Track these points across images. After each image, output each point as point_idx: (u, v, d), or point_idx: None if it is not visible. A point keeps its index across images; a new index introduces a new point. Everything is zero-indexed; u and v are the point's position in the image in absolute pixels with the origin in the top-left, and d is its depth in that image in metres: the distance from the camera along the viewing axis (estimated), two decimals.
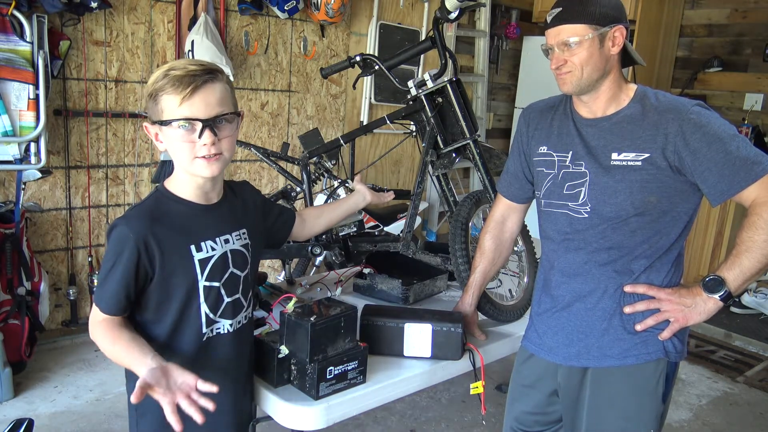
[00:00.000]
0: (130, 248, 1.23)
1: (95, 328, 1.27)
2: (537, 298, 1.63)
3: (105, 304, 1.25)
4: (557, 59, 1.40)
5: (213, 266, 1.32)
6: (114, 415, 2.64)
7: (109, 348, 1.24)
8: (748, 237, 1.32)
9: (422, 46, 2.27)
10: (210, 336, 1.35)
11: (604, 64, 1.39)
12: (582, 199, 1.45)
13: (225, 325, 1.37)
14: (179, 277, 1.29)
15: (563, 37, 1.38)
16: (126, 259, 1.23)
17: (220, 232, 1.36)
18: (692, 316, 1.40)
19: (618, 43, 1.39)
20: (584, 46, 1.36)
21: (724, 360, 3.62)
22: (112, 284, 1.24)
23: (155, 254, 1.25)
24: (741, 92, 4.75)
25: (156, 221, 1.27)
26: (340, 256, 2.20)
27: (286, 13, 3.64)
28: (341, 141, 2.28)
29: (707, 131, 1.33)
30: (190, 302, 1.31)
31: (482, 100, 5.15)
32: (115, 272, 1.23)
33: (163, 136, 1.27)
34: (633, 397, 1.46)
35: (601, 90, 1.43)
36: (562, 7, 1.39)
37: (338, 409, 1.45)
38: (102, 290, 1.25)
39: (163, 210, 1.30)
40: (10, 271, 2.83)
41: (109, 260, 1.25)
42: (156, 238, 1.25)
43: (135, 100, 3.35)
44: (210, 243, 1.33)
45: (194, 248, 1.30)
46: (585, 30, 1.36)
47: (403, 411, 2.83)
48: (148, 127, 1.29)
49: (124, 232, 1.23)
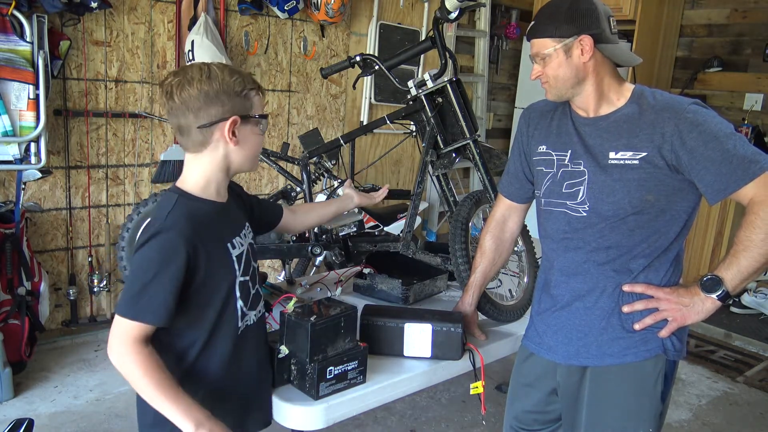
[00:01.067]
0: (181, 255, 1.21)
1: (128, 352, 1.18)
2: (537, 297, 1.64)
3: (153, 314, 1.19)
4: (535, 71, 1.48)
5: (245, 261, 1.37)
6: (114, 415, 2.64)
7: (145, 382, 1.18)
8: (745, 236, 1.32)
9: (422, 46, 2.27)
10: (242, 329, 1.37)
11: (576, 73, 1.42)
12: (581, 197, 1.46)
13: (252, 316, 1.41)
14: (221, 277, 1.30)
15: (535, 51, 1.46)
16: (176, 266, 1.20)
17: (240, 227, 1.41)
18: (690, 316, 1.40)
19: (587, 51, 1.40)
20: (552, 59, 1.42)
21: (724, 360, 3.62)
22: (161, 292, 1.19)
23: (202, 258, 1.25)
24: (741, 92, 4.74)
25: (197, 225, 1.26)
26: (340, 256, 2.20)
27: (286, 13, 3.64)
28: (341, 141, 2.28)
29: (704, 129, 1.33)
30: (229, 299, 1.33)
31: (482, 100, 5.15)
32: (162, 280, 1.19)
33: (243, 131, 1.31)
34: (632, 395, 1.46)
35: (584, 93, 1.45)
36: (535, 21, 1.46)
37: (338, 409, 1.45)
38: (144, 300, 1.19)
39: (195, 212, 1.29)
40: (10, 271, 2.84)
41: (151, 269, 1.20)
42: (202, 242, 1.25)
43: (135, 100, 3.35)
44: (238, 239, 1.37)
45: (230, 246, 1.34)
46: (550, 43, 1.42)
47: (403, 411, 2.83)
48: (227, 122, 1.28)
49: (173, 238, 1.21)
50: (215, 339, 1.32)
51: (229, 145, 1.30)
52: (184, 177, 1.34)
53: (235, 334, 1.35)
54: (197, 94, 1.24)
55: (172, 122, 1.30)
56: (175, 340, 1.29)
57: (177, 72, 1.28)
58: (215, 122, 1.27)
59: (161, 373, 1.19)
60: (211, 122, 1.27)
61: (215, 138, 1.29)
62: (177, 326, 1.27)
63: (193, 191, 1.32)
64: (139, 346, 1.19)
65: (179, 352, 1.30)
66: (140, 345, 1.19)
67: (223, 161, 1.32)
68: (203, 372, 1.32)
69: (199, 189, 1.32)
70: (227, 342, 1.34)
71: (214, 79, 1.26)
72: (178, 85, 1.25)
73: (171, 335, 1.28)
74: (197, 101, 1.25)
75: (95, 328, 3.37)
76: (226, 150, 1.31)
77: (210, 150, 1.30)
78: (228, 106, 1.27)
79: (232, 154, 1.31)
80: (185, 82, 1.25)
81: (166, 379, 1.19)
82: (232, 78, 1.27)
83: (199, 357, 1.31)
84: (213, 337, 1.31)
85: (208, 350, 1.31)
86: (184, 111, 1.26)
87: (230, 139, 1.29)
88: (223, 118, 1.27)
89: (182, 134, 1.29)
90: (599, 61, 1.43)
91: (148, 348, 1.20)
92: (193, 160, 1.32)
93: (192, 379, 1.30)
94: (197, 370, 1.31)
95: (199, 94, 1.24)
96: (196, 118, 1.26)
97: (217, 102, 1.26)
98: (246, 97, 1.30)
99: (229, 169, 1.34)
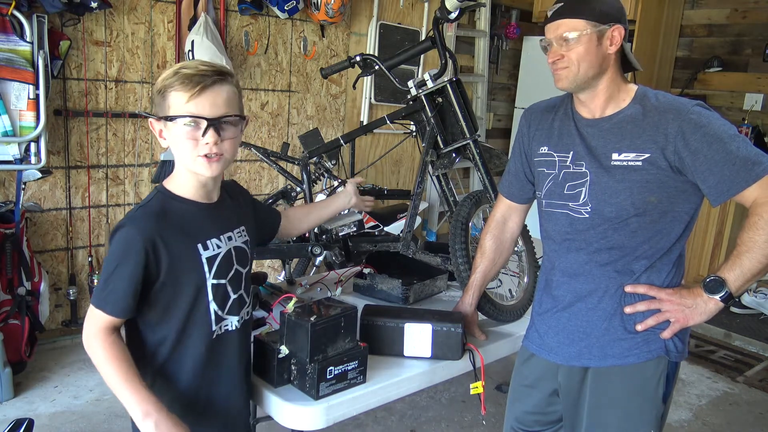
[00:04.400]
0: (137, 250, 1.21)
1: (95, 338, 1.23)
2: (538, 298, 1.63)
3: (111, 306, 1.22)
4: (554, 53, 1.41)
5: (219, 264, 1.34)
6: (114, 415, 2.64)
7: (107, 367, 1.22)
8: (748, 237, 1.32)
9: (422, 46, 2.27)
10: (219, 333, 1.36)
11: (601, 62, 1.40)
12: (582, 199, 1.45)
13: (233, 321, 1.38)
14: (187, 276, 1.29)
15: (561, 32, 1.38)
16: (133, 261, 1.21)
17: (223, 229, 1.38)
18: (693, 317, 1.40)
19: (616, 42, 1.39)
20: (582, 42, 1.37)
21: (724, 360, 3.62)
22: (119, 285, 1.21)
23: (162, 255, 1.24)
24: (741, 92, 4.75)
25: (162, 222, 1.27)
26: (340, 256, 2.20)
27: (286, 13, 3.64)
28: (341, 141, 2.28)
29: (707, 131, 1.33)
30: (199, 301, 1.31)
31: (482, 100, 5.15)
32: (121, 273, 1.21)
33: (167, 132, 1.28)
34: (633, 397, 1.45)
35: (598, 89, 1.43)
36: (563, 2, 1.40)
37: (338, 409, 1.45)
38: (106, 292, 1.22)
39: (168, 210, 1.30)
40: (10, 271, 2.83)
41: (113, 261, 1.23)
42: (163, 238, 1.25)
43: (135, 100, 3.35)
44: (215, 241, 1.34)
45: (201, 247, 1.31)
46: (584, 25, 1.37)
47: (403, 411, 2.83)
48: (154, 122, 1.29)
49: (131, 234, 1.23)
50: (186, 340, 1.31)
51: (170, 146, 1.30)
52: (172, 174, 1.35)
53: (209, 337, 1.33)
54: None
55: None
56: (147, 332, 1.30)
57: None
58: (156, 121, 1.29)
59: (123, 361, 1.22)
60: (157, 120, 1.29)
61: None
62: (149, 319, 1.29)
63: (173, 189, 1.33)
64: (105, 333, 1.23)
65: (152, 347, 1.30)
66: (106, 333, 1.23)
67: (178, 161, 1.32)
68: (175, 374, 1.32)
69: (178, 187, 1.33)
70: (200, 343, 1.32)
71: (162, 76, 1.27)
72: None
73: (145, 326, 1.30)
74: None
75: None
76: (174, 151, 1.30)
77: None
78: (157, 107, 1.28)
79: (175, 154, 1.30)
80: None
81: (128, 368, 1.22)
82: (166, 75, 1.26)
83: (170, 357, 1.30)
84: (183, 338, 1.31)
85: (179, 351, 1.31)
86: None
87: (162, 139, 1.30)
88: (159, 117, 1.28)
89: None
90: (617, 57, 1.42)
91: (113, 336, 1.23)
92: None
93: (163, 379, 1.30)
94: (169, 371, 1.31)
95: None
96: None
97: (155, 101, 1.29)
98: (163, 96, 1.26)
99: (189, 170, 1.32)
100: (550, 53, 1.42)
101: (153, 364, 1.30)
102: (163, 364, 1.31)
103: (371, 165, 4.28)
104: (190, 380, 1.32)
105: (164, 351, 1.30)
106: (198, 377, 1.33)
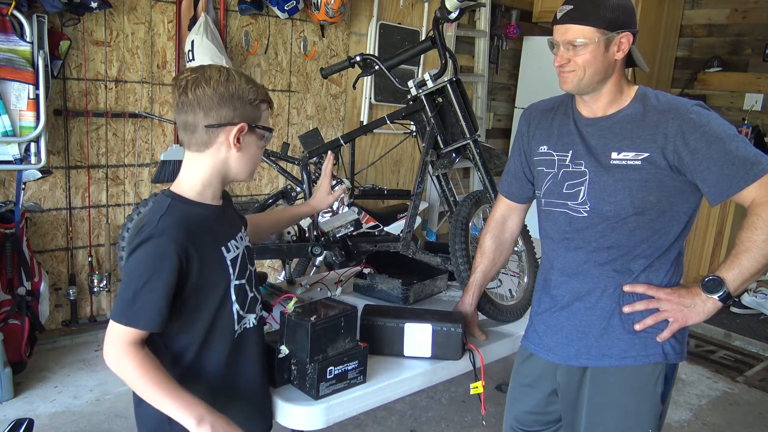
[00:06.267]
0: (171, 260, 1.20)
1: (125, 355, 1.18)
2: (537, 298, 1.64)
3: (145, 321, 1.19)
4: (561, 57, 1.40)
5: (240, 264, 1.36)
6: (114, 415, 2.64)
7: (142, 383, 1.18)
8: (747, 237, 1.32)
9: (422, 46, 2.27)
10: (240, 332, 1.37)
11: (607, 68, 1.39)
12: (581, 198, 1.46)
13: (251, 319, 1.40)
14: (215, 280, 1.30)
15: (569, 37, 1.38)
16: (167, 272, 1.20)
17: (236, 230, 1.40)
18: (691, 317, 1.40)
19: (623, 48, 1.39)
20: (589, 49, 1.36)
21: (724, 360, 3.62)
22: (152, 298, 1.19)
23: (194, 263, 1.24)
24: (741, 92, 4.75)
25: (190, 229, 1.26)
26: (340, 256, 2.20)
27: (286, 13, 3.64)
28: (341, 141, 2.28)
29: (707, 131, 1.33)
30: (224, 303, 1.32)
31: (482, 100, 5.15)
32: (154, 286, 1.19)
33: (247, 139, 1.31)
34: (632, 397, 1.46)
35: (602, 92, 1.44)
36: (573, 6, 1.38)
37: (338, 409, 1.45)
38: (136, 307, 1.18)
39: (189, 216, 1.29)
40: (10, 271, 2.83)
41: (143, 275, 1.19)
42: (195, 245, 1.24)
43: (135, 100, 3.35)
44: (233, 242, 1.36)
45: (224, 249, 1.33)
46: (592, 33, 1.36)
47: (403, 411, 2.83)
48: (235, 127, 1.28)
49: (163, 245, 1.20)
50: (211, 342, 1.32)
51: (231, 150, 1.30)
52: (181, 178, 1.33)
53: (232, 337, 1.35)
54: (212, 94, 1.25)
55: (179, 118, 1.30)
56: (167, 343, 1.29)
57: (196, 69, 1.29)
58: (223, 124, 1.27)
59: (159, 372, 1.19)
60: (219, 123, 1.27)
61: (219, 141, 1.29)
62: (171, 328, 1.26)
63: (188, 194, 1.31)
64: (135, 348, 1.19)
65: (174, 355, 1.30)
66: (136, 347, 1.19)
67: (222, 166, 1.32)
68: (200, 375, 1.32)
69: (194, 192, 1.32)
70: (223, 345, 1.33)
71: (231, 82, 1.27)
72: (194, 81, 1.25)
73: (164, 339, 1.28)
74: (210, 100, 1.25)
75: (95, 328, 3.37)
76: (227, 155, 1.30)
77: (211, 152, 1.30)
78: (239, 112, 1.28)
79: (232, 160, 1.31)
80: (203, 79, 1.25)
81: (165, 378, 1.19)
82: (248, 86, 1.29)
83: (195, 360, 1.30)
84: (208, 340, 1.31)
85: (204, 353, 1.31)
86: (194, 108, 1.26)
87: (234, 144, 1.29)
88: (231, 122, 1.27)
89: (187, 131, 1.29)
90: (623, 60, 1.42)
91: (144, 350, 1.20)
92: (192, 160, 1.32)
93: (188, 382, 1.29)
94: (193, 373, 1.31)
95: (214, 93, 1.25)
96: (205, 116, 1.26)
97: (229, 105, 1.27)
98: (257, 107, 1.31)
99: (227, 175, 1.34)
100: (556, 56, 1.42)
101: (176, 370, 1.29)
102: (187, 368, 1.30)
103: (371, 165, 4.28)
104: (215, 382, 1.33)
105: (189, 355, 1.30)
106: (222, 377, 1.34)
